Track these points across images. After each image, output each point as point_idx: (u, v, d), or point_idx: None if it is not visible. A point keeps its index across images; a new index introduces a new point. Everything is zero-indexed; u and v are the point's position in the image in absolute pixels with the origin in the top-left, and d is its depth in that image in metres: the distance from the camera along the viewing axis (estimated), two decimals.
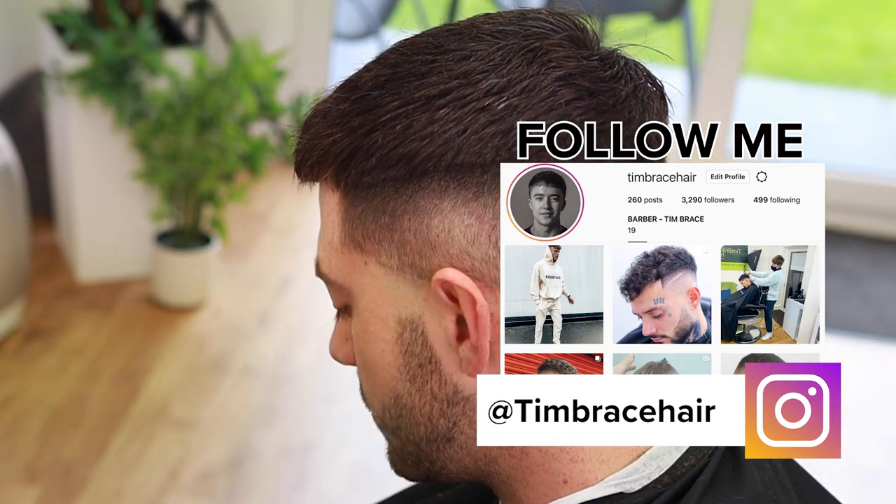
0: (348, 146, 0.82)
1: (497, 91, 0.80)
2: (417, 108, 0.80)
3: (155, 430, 2.56)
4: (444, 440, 0.86)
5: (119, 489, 2.41)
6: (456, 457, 0.86)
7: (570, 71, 0.81)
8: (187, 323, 2.91)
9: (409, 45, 0.84)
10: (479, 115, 0.79)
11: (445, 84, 0.80)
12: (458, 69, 0.81)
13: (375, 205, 0.82)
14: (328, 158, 0.84)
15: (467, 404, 0.84)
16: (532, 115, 0.79)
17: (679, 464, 0.83)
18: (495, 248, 0.80)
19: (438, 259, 0.81)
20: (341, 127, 0.83)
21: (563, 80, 0.80)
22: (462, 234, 0.81)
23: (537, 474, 0.84)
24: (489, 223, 0.80)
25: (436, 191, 0.81)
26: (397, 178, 0.81)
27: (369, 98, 0.82)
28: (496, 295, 0.81)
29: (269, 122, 2.98)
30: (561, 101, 0.80)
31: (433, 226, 0.81)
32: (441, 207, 0.81)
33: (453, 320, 0.82)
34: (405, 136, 0.80)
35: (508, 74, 0.80)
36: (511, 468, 0.85)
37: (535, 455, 0.84)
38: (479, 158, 0.79)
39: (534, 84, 0.80)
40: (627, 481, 0.83)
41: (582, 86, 0.81)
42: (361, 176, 0.82)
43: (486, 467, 0.86)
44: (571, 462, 0.83)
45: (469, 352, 0.82)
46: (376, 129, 0.81)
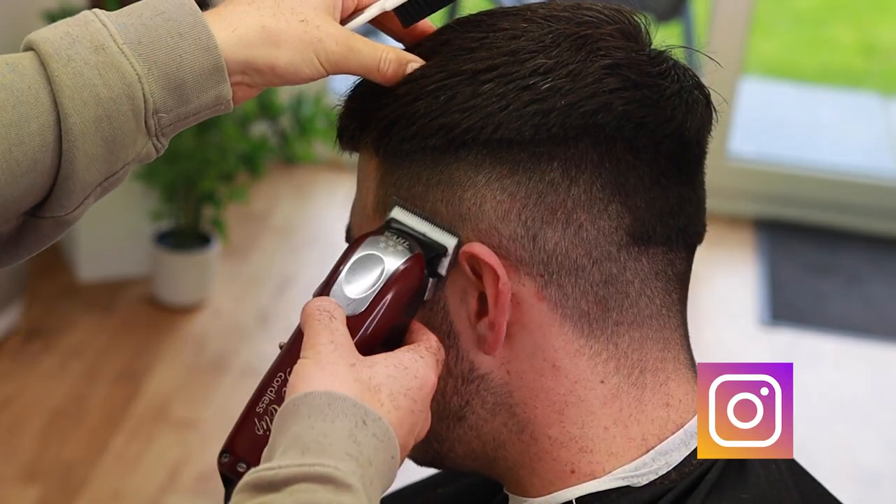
0: (391, 113, 0.83)
1: (543, 72, 0.80)
2: (462, 81, 0.81)
3: (155, 430, 2.56)
4: (455, 419, 0.86)
5: (119, 489, 2.41)
6: (465, 438, 0.86)
7: (618, 61, 0.81)
8: (187, 323, 2.90)
9: (464, 22, 0.85)
10: (522, 93, 0.80)
11: (493, 60, 0.81)
12: (507, 47, 0.81)
13: (411, 173, 0.83)
14: (370, 124, 0.84)
15: (482, 383, 0.84)
16: (574, 99, 0.80)
17: (687, 461, 0.83)
18: (524, 227, 0.81)
19: (467, 232, 0.81)
20: (386, 94, 0.83)
21: (609, 68, 0.81)
22: (493, 210, 0.81)
23: (545, 462, 0.85)
24: (520, 201, 0.80)
25: (472, 164, 0.81)
26: (436, 147, 0.81)
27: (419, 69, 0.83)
28: (520, 275, 0.81)
29: (269, 122, 2.98)
30: (605, 90, 0.80)
31: (465, 198, 0.81)
32: (475, 181, 0.81)
33: (475, 297, 0.82)
34: (448, 106, 0.81)
35: (556, 57, 0.81)
36: (519, 454, 0.85)
37: (545, 442, 0.84)
38: (517, 135, 0.80)
39: (580, 69, 0.80)
40: (635, 475, 0.83)
41: (628, 77, 0.81)
42: (401, 143, 0.82)
43: (493, 452, 0.86)
44: (580, 452, 0.84)
45: (486, 329, 0.82)
46: (420, 98, 0.81)
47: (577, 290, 0.81)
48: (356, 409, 0.74)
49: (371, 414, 0.75)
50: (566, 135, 0.79)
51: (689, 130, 0.83)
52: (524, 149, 0.80)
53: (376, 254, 0.81)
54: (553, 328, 0.82)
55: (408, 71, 0.83)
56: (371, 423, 0.74)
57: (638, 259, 0.82)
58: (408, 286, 0.81)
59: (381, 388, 0.77)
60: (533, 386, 0.83)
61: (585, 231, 0.81)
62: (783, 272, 3.31)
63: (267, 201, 3.40)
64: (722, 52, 3.43)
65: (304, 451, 0.72)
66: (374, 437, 0.74)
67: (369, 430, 0.74)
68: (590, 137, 0.80)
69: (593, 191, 0.80)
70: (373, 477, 0.73)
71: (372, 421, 0.74)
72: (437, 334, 0.83)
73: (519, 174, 0.80)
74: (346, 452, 0.72)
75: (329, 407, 0.74)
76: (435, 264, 0.82)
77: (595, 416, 0.83)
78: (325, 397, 0.74)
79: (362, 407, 0.75)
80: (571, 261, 0.81)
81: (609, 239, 0.81)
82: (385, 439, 0.75)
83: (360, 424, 0.74)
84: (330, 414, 0.74)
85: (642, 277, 0.82)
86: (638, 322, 0.83)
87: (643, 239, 0.82)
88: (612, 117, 0.80)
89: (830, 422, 2.81)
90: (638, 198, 0.81)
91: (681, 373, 0.86)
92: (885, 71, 5.10)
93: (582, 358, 0.82)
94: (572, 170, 0.80)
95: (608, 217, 0.81)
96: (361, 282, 0.81)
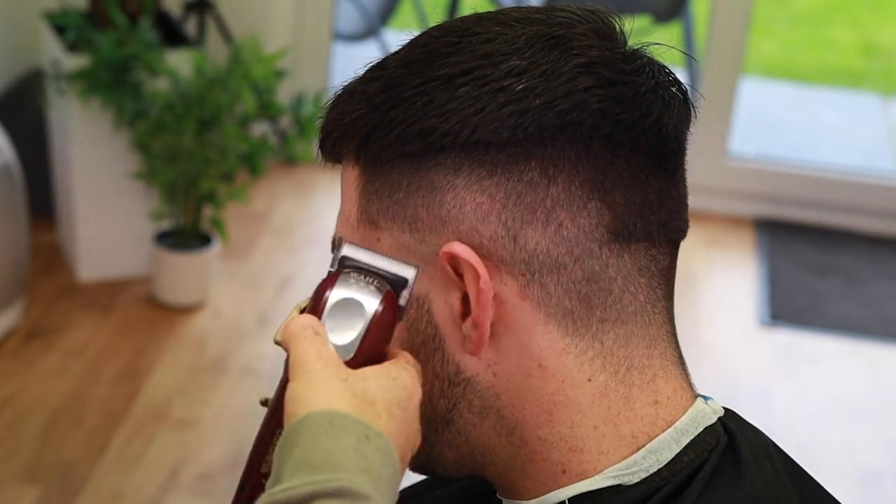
0: (370, 122, 0.83)
1: (517, 73, 0.81)
2: (439, 86, 0.81)
3: (155, 430, 2.56)
4: (443, 422, 0.86)
5: (119, 489, 2.41)
6: (454, 442, 0.86)
7: (592, 59, 0.81)
8: (187, 323, 2.90)
9: (440, 28, 0.86)
10: (497, 95, 0.80)
11: (467, 63, 0.81)
12: (481, 50, 0.82)
13: (391, 180, 0.83)
14: (350, 134, 0.84)
15: (468, 386, 0.84)
16: (549, 98, 0.80)
17: (678, 458, 0.83)
18: (504, 228, 0.81)
19: (448, 235, 0.82)
20: (365, 103, 0.83)
21: (583, 66, 0.81)
22: (473, 211, 0.81)
23: (535, 463, 0.84)
24: (500, 202, 0.81)
25: (450, 167, 0.81)
26: (414, 153, 0.82)
27: (394, 76, 0.83)
28: (502, 275, 0.81)
29: (269, 122, 2.98)
30: (579, 87, 0.80)
31: (445, 202, 0.82)
32: (454, 184, 0.81)
33: (459, 297, 0.82)
34: (425, 112, 0.81)
35: (530, 58, 0.81)
36: (509, 457, 0.85)
37: (534, 443, 0.84)
38: (494, 137, 0.80)
39: (554, 69, 0.81)
40: (626, 474, 0.83)
41: (602, 74, 0.81)
42: (380, 151, 0.83)
43: (482, 457, 0.86)
44: (570, 451, 0.83)
45: (470, 328, 0.82)
46: (398, 105, 0.82)
47: (560, 288, 0.81)
48: (357, 425, 0.75)
49: (372, 429, 0.75)
50: (542, 134, 0.80)
51: (667, 126, 0.83)
52: (502, 150, 0.80)
53: (353, 297, 0.81)
54: (537, 327, 0.82)
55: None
56: (373, 437, 0.75)
57: (620, 256, 0.82)
58: (387, 326, 0.81)
59: (375, 400, 0.77)
60: (520, 387, 0.83)
61: (566, 229, 0.81)
62: (783, 272, 3.31)
63: (267, 201, 3.40)
64: (722, 52, 3.44)
65: (313, 469, 0.72)
66: (378, 452, 0.74)
67: (372, 444, 0.74)
68: (566, 136, 0.80)
69: (572, 189, 0.81)
70: (383, 490, 0.73)
71: (374, 436, 0.75)
72: (421, 338, 0.84)
73: (498, 175, 0.81)
74: (356, 466, 0.72)
75: (331, 425, 0.74)
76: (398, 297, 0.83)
77: (584, 415, 0.83)
78: (326, 416, 0.75)
79: (363, 423, 0.75)
80: (553, 259, 0.81)
81: (590, 236, 0.81)
82: (387, 453, 0.75)
83: (363, 440, 0.74)
84: (333, 431, 0.74)
85: (625, 274, 0.83)
86: (622, 319, 0.83)
87: (624, 235, 0.82)
88: (587, 115, 0.80)
89: (830, 422, 2.81)
90: (617, 194, 0.81)
91: (668, 369, 0.85)
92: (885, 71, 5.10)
93: (568, 356, 0.82)
94: (550, 169, 0.80)
95: (588, 215, 0.81)
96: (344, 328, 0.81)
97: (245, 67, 2.81)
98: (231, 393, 2.70)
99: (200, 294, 2.96)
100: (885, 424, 2.83)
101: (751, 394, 2.85)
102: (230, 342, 2.86)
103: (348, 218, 0.86)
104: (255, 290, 3.06)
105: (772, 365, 3.00)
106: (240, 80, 2.79)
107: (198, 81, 2.78)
